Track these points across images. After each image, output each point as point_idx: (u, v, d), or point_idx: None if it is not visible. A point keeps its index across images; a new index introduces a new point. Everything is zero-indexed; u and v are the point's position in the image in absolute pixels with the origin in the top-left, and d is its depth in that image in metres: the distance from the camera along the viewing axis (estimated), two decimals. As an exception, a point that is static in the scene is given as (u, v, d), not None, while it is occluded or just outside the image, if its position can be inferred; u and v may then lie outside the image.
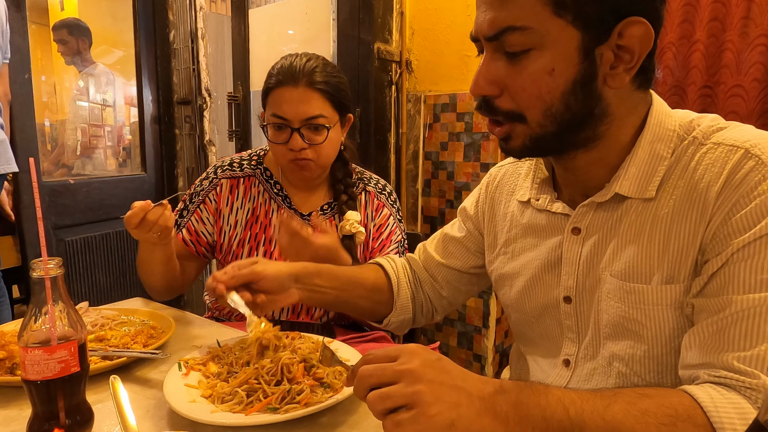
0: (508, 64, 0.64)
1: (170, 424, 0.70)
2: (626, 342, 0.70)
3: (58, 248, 2.29)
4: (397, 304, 0.99)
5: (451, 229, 1.01)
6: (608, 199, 0.70)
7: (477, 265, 0.97)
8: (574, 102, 0.64)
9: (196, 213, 1.23)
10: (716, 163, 0.63)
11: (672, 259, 0.65)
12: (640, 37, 0.61)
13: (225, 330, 1.04)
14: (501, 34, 0.63)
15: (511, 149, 0.70)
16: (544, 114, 0.65)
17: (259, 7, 2.79)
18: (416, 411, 0.52)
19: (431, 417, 0.52)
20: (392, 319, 1.00)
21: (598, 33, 0.61)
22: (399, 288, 1.00)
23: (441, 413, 0.52)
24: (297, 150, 1.13)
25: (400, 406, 0.53)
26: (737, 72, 1.56)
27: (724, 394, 0.56)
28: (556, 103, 0.64)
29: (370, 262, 1.05)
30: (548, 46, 0.62)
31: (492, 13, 0.63)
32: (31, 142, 2.07)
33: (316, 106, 1.12)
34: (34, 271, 0.61)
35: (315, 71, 1.13)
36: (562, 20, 0.61)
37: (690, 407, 0.55)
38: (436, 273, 1.01)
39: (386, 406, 0.53)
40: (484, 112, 0.69)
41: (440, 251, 1.01)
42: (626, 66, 0.63)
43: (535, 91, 0.64)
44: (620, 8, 0.60)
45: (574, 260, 0.75)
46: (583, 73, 0.63)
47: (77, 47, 2.77)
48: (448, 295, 1.01)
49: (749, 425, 0.55)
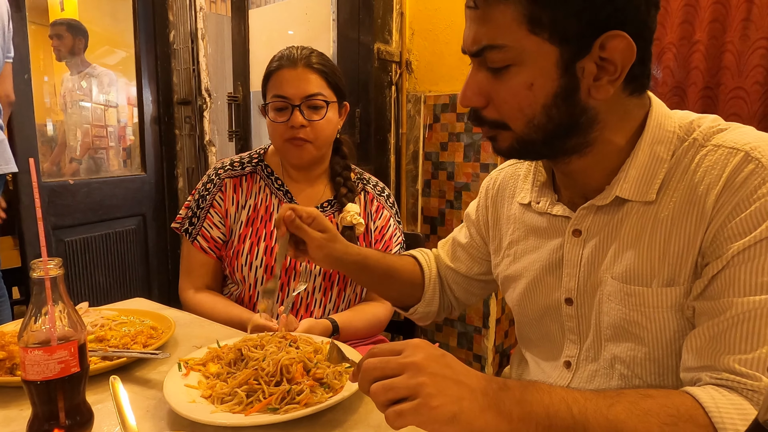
0: (492, 77, 0.66)
1: (170, 425, 0.70)
2: (627, 344, 0.70)
3: (58, 248, 2.29)
4: (426, 296, 1.02)
5: (459, 234, 1.03)
6: (609, 203, 0.70)
7: (480, 272, 0.99)
8: (557, 113, 0.64)
9: (207, 219, 1.24)
10: (716, 166, 0.63)
11: (672, 262, 0.65)
12: (621, 50, 0.61)
13: (225, 330, 1.04)
14: (482, 51, 0.65)
15: (499, 149, 0.71)
16: (527, 125, 0.66)
17: (259, 7, 2.80)
18: (418, 402, 0.52)
19: (433, 408, 0.52)
20: (419, 310, 1.02)
21: (578, 47, 0.62)
22: (430, 282, 1.02)
23: (443, 405, 0.52)
24: (297, 127, 1.17)
25: (402, 397, 0.53)
26: (738, 74, 1.56)
27: (726, 395, 0.56)
28: (537, 116, 0.65)
29: (405, 254, 1.08)
30: (526, 63, 0.63)
31: (473, 30, 0.66)
32: (31, 142, 2.07)
33: (315, 85, 1.18)
34: (34, 271, 0.61)
35: (312, 55, 1.20)
36: (539, 38, 0.62)
37: (692, 408, 0.55)
38: (447, 275, 1.03)
39: (389, 397, 0.54)
40: (473, 122, 0.71)
41: (450, 255, 1.03)
42: (610, 78, 0.63)
43: (516, 105, 0.65)
44: (599, 23, 0.60)
45: (575, 262, 0.75)
46: (564, 87, 0.63)
47: (72, 45, 2.77)
48: (460, 297, 1.04)
49: (749, 425, 0.55)
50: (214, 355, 0.84)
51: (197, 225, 1.24)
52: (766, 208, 0.58)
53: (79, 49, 2.79)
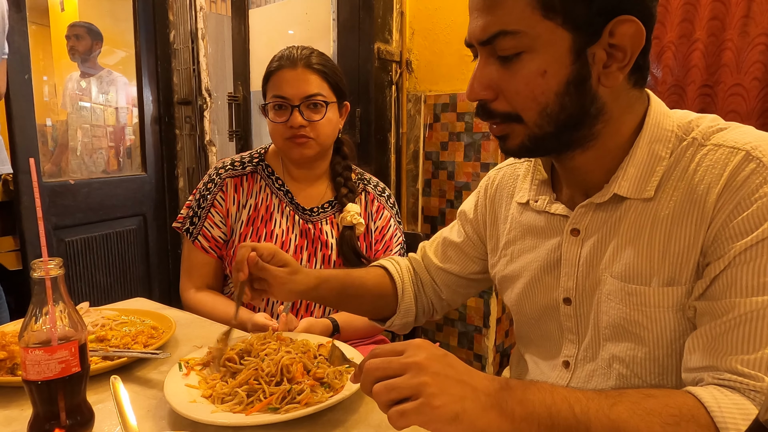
0: (502, 67, 0.65)
1: (171, 424, 0.70)
2: (627, 344, 0.70)
3: (58, 248, 2.29)
4: (401, 307, 1.00)
5: (450, 232, 1.01)
6: (607, 200, 0.70)
7: (475, 271, 0.97)
8: (569, 102, 0.64)
9: (208, 218, 1.24)
10: (716, 165, 0.62)
11: (673, 261, 0.65)
12: (631, 36, 0.62)
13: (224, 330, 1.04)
14: (493, 39, 0.64)
15: (509, 148, 0.70)
16: (540, 115, 0.65)
17: (259, 7, 2.79)
18: (421, 401, 0.52)
19: (436, 408, 0.52)
20: (396, 321, 1.01)
21: (589, 33, 0.62)
22: (403, 292, 1.00)
23: (446, 405, 0.52)
24: (296, 127, 1.17)
25: (405, 397, 0.53)
26: (737, 71, 1.55)
27: (728, 396, 0.56)
28: (551, 104, 0.64)
29: (374, 264, 1.06)
30: (539, 49, 0.62)
31: (483, 18, 0.64)
32: (31, 142, 2.07)
33: (315, 85, 1.18)
34: (34, 271, 0.61)
35: (312, 55, 1.20)
36: (552, 23, 0.61)
37: (694, 407, 0.55)
38: (435, 276, 1.01)
39: (391, 398, 0.54)
40: (482, 116, 0.69)
41: (439, 255, 1.01)
42: (619, 64, 0.63)
43: (530, 93, 0.64)
44: (609, 8, 0.61)
45: (574, 261, 0.75)
46: (576, 74, 0.63)
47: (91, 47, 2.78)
48: (447, 298, 1.02)
49: (749, 425, 0.55)
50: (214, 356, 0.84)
51: (198, 224, 1.24)
52: (767, 207, 0.58)
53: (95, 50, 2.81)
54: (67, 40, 2.77)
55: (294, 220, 1.24)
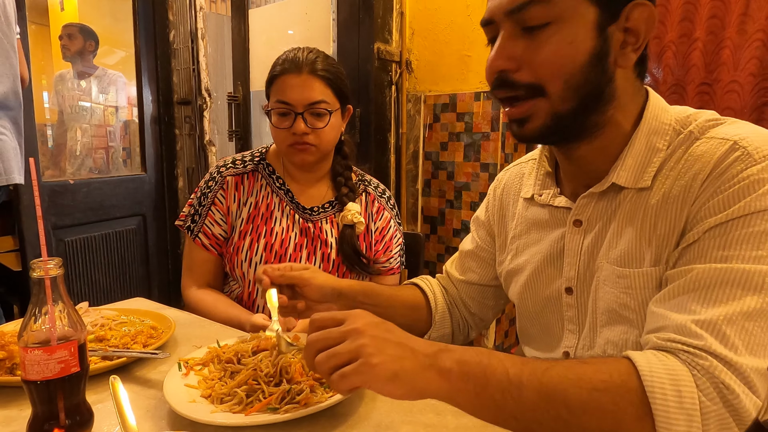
0: (527, 39, 0.66)
1: (170, 425, 0.70)
2: (620, 328, 0.71)
3: (58, 248, 2.29)
4: (435, 319, 1.00)
5: (465, 244, 1.02)
6: (606, 189, 0.72)
7: (494, 276, 0.98)
8: (593, 75, 0.66)
9: (209, 216, 1.24)
10: (706, 155, 0.65)
11: (659, 244, 0.67)
12: (645, 19, 0.65)
13: (225, 330, 1.04)
14: (524, 6, 0.65)
15: (527, 132, 0.70)
16: (565, 86, 0.66)
17: (259, 7, 2.79)
18: (360, 361, 0.54)
19: (374, 366, 0.53)
20: (432, 335, 1.01)
21: (611, 12, 0.65)
22: (436, 304, 1.01)
23: (384, 363, 0.54)
24: (300, 134, 1.17)
25: (346, 362, 0.55)
26: (734, 68, 1.56)
27: (662, 359, 0.56)
28: (576, 75, 0.65)
29: (406, 283, 1.07)
30: (567, 20, 0.64)
31: None
32: (31, 142, 2.07)
33: (319, 92, 1.17)
34: (34, 271, 0.61)
35: (317, 60, 1.18)
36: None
37: (626, 373, 0.56)
38: (460, 290, 1.02)
39: (331, 364, 0.55)
40: (502, 89, 0.69)
41: (459, 268, 1.02)
42: (633, 47, 0.67)
43: (557, 61, 0.65)
44: None
45: (576, 251, 0.76)
46: (599, 48, 0.65)
47: (83, 47, 2.78)
48: (476, 312, 1.02)
49: (749, 426, 0.55)
50: (214, 356, 0.84)
51: (199, 222, 1.24)
52: (744, 189, 0.60)
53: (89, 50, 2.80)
54: (59, 40, 2.77)
55: (294, 218, 1.24)
